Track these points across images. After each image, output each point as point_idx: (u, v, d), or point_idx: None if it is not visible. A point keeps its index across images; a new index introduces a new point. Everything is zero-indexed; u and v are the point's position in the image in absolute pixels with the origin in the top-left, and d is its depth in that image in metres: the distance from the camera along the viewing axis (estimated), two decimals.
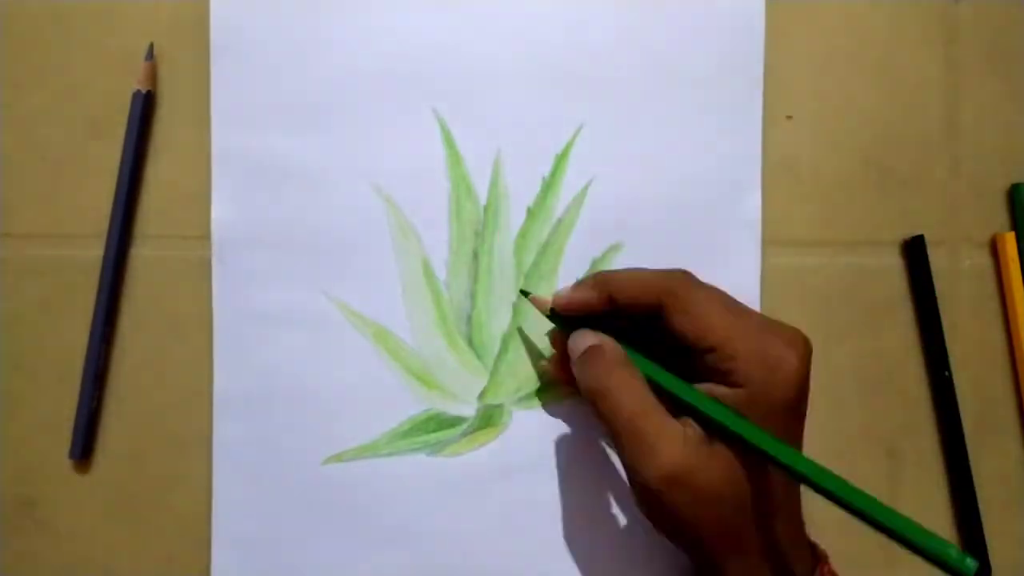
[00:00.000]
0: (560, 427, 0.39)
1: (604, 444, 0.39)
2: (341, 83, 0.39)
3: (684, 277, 0.33)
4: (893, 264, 0.40)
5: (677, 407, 0.32)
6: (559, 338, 0.38)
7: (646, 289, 0.33)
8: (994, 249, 0.40)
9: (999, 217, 0.41)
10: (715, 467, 0.31)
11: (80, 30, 0.39)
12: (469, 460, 0.39)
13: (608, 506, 0.39)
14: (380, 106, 0.39)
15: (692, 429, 0.31)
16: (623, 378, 0.32)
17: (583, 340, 0.34)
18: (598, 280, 0.35)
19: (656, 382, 0.33)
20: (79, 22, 0.39)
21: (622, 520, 0.39)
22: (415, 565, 0.39)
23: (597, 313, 0.34)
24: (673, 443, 0.30)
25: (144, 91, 0.38)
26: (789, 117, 0.40)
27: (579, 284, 0.35)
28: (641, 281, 0.34)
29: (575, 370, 0.34)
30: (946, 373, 0.39)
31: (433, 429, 0.39)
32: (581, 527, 0.39)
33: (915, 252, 0.40)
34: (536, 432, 0.39)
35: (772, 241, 0.40)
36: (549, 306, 0.36)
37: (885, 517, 0.28)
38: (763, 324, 0.32)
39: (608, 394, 0.32)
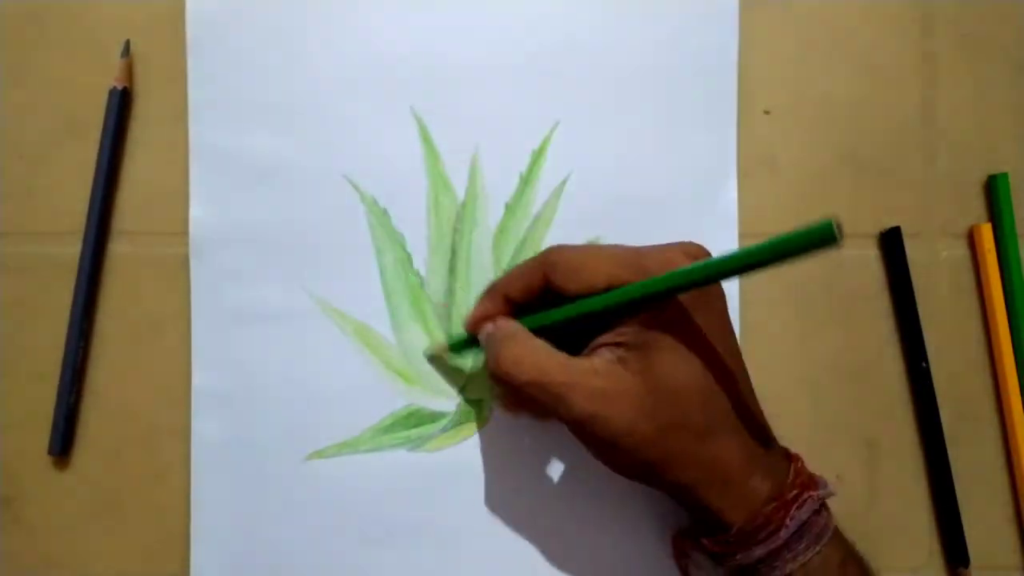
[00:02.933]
0: (542, 421, 0.39)
1: None
2: (319, 81, 0.39)
3: (556, 247, 0.34)
4: (870, 256, 0.40)
5: (588, 336, 0.33)
6: None
7: (528, 274, 0.34)
8: (971, 240, 0.40)
9: (976, 208, 0.41)
10: (641, 381, 0.31)
11: (56, 28, 0.39)
12: (450, 455, 0.39)
13: (590, 500, 0.39)
14: (358, 104, 0.39)
15: (600, 359, 0.32)
16: (516, 351, 0.32)
17: (481, 335, 0.34)
18: (490, 290, 0.35)
19: (556, 325, 0.33)
20: (55, 20, 0.39)
21: (605, 513, 0.39)
22: (397, 561, 0.39)
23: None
24: (582, 385, 0.31)
25: (120, 88, 0.38)
26: (767, 112, 0.40)
27: (478, 301, 0.36)
28: (521, 270, 0.34)
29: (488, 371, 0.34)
30: (923, 364, 0.39)
31: (414, 424, 0.39)
32: (563, 521, 0.39)
33: (891, 244, 0.40)
34: (517, 427, 0.39)
35: (749, 234, 0.40)
36: (444, 349, 0.38)
37: (759, 252, 0.27)
38: (641, 250, 0.32)
39: (510, 375, 0.32)
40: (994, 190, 0.40)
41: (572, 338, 0.33)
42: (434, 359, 0.39)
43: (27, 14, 0.39)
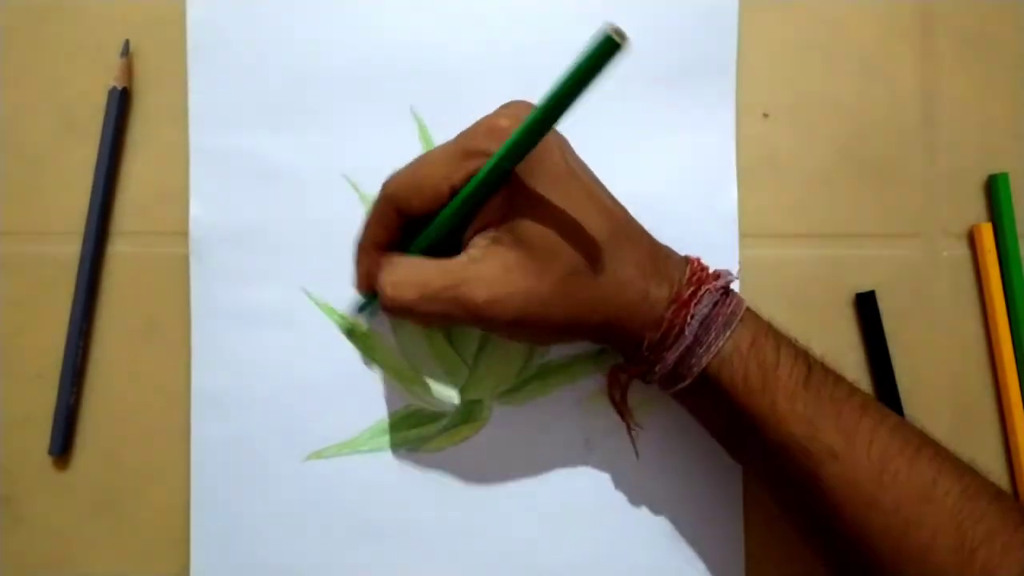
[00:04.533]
0: (541, 421, 0.39)
1: (584, 437, 0.39)
2: (319, 81, 0.39)
3: (390, 177, 0.34)
4: (870, 255, 0.40)
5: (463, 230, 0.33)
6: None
7: (380, 217, 0.34)
8: (971, 240, 0.40)
9: (976, 208, 0.41)
10: (518, 250, 0.31)
11: (56, 28, 0.39)
12: (450, 455, 0.39)
13: (590, 499, 0.39)
14: (357, 104, 0.39)
15: (475, 248, 0.32)
16: (395, 276, 0.33)
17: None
18: (359, 249, 0.35)
19: (436, 244, 0.34)
20: (55, 20, 0.39)
21: (604, 512, 0.39)
22: (396, 560, 0.39)
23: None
24: (467, 279, 0.31)
25: (120, 88, 0.38)
26: (766, 115, 0.40)
27: (355, 264, 0.36)
28: (373, 216, 0.34)
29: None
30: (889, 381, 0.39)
31: (414, 425, 0.39)
32: (563, 521, 0.39)
33: (866, 307, 0.40)
34: (517, 427, 0.39)
35: (750, 234, 0.40)
36: (356, 314, 0.38)
37: (559, 89, 0.28)
38: (461, 137, 0.33)
39: (396, 300, 0.32)
40: (994, 190, 0.40)
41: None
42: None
43: (27, 14, 0.39)
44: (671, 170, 0.40)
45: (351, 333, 0.39)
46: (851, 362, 0.40)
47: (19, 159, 0.39)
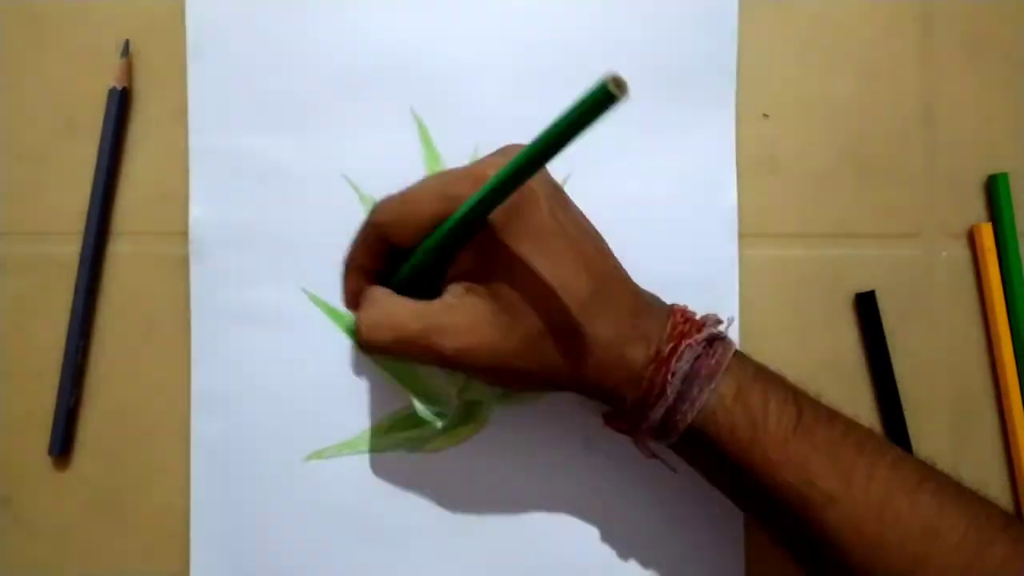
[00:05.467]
0: (541, 422, 0.39)
1: (584, 437, 0.39)
2: (318, 81, 0.39)
3: (378, 204, 0.33)
4: (870, 255, 0.40)
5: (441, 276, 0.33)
6: None
7: (367, 243, 0.34)
8: (971, 240, 0.40)
9: (976, 208, 0.41)
10: (491, 302, 0.31)
11: (55, 28, 0.39)
12: (450, 456, 0.39)
13: (590, 500, 0.39)
14: (357, 104, 0.39)
15: (450, 295, 0.32)
16: (371, 316, 0.32)
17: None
18: (346, 268, 0.35)
19: (418, 276, 0.33)
20: (54, 20, 0.39)
21: (604, 512, 0.39)
22: (396, 561, 0.39)
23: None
24: (439, 326, 0.31)
25: (120, 88, 0.38)
26: (765, 116, 0.40)
27: (343, 282, 0.36)
28: (360, 239, 0.34)
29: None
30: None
31: (413, 425, 0.39)
32: (562, 521, 0.39)
33: (866, 307, 0.40)
34: (517, 428, 0.39)
35: (749, 233, 0.40)
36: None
37: (548, 134, 0.26)
38: (448, 176, 0.32)
39: (370, 342, 0.32)
40: (994, 190, 0.40)
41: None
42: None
43: (26, 14, 0.39)
44: (671, 170, 0.40)
45: (351, 333, 0.39)
46: (851, 362, 0.40)
47: (19, 159, 0.39)
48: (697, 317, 0.33)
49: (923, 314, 0.40)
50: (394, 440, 0.39)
